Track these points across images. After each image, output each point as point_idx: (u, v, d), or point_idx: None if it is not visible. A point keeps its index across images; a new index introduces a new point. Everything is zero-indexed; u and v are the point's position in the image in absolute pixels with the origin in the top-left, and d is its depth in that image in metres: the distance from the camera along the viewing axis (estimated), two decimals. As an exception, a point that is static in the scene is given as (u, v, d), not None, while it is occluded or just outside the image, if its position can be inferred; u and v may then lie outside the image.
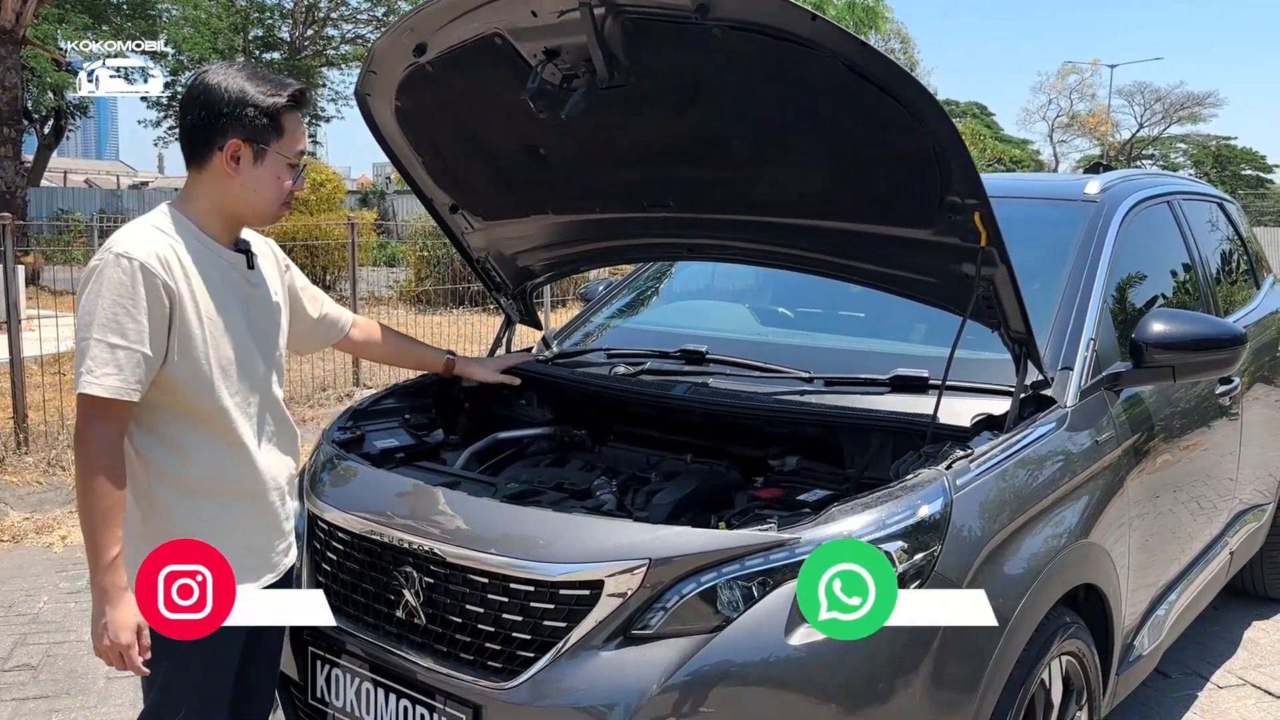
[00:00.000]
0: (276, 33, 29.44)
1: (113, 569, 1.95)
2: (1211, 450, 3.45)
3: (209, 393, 2.04)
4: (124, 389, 1.93)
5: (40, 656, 3.93)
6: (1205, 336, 2.78)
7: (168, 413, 2.05)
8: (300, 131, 2.14)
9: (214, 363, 2.05)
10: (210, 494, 2.08)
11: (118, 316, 1.93)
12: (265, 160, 2.07)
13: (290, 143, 2.10)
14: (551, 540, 2.16)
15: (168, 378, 2.01)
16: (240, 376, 2.10)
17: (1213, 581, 3.56)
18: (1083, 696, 2.52)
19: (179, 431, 2.06)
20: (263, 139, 2.06)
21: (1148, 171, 4.39)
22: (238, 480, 2.12)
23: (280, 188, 2.11)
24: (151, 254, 1.97)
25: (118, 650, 1.98)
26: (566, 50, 2.35)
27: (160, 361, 1.99)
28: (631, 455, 2.99)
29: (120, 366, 1.93)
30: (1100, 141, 53.43)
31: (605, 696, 1.98)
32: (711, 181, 2.71)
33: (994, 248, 2.29)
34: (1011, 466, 2.32)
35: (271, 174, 2.09)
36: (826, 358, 3.01)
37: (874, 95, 2.11)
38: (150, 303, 1.95)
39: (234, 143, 2.04)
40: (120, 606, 1.96)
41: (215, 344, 2.05)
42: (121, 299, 1.94)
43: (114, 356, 1.92)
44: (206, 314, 2.04)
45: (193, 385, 2.03)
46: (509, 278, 3.41)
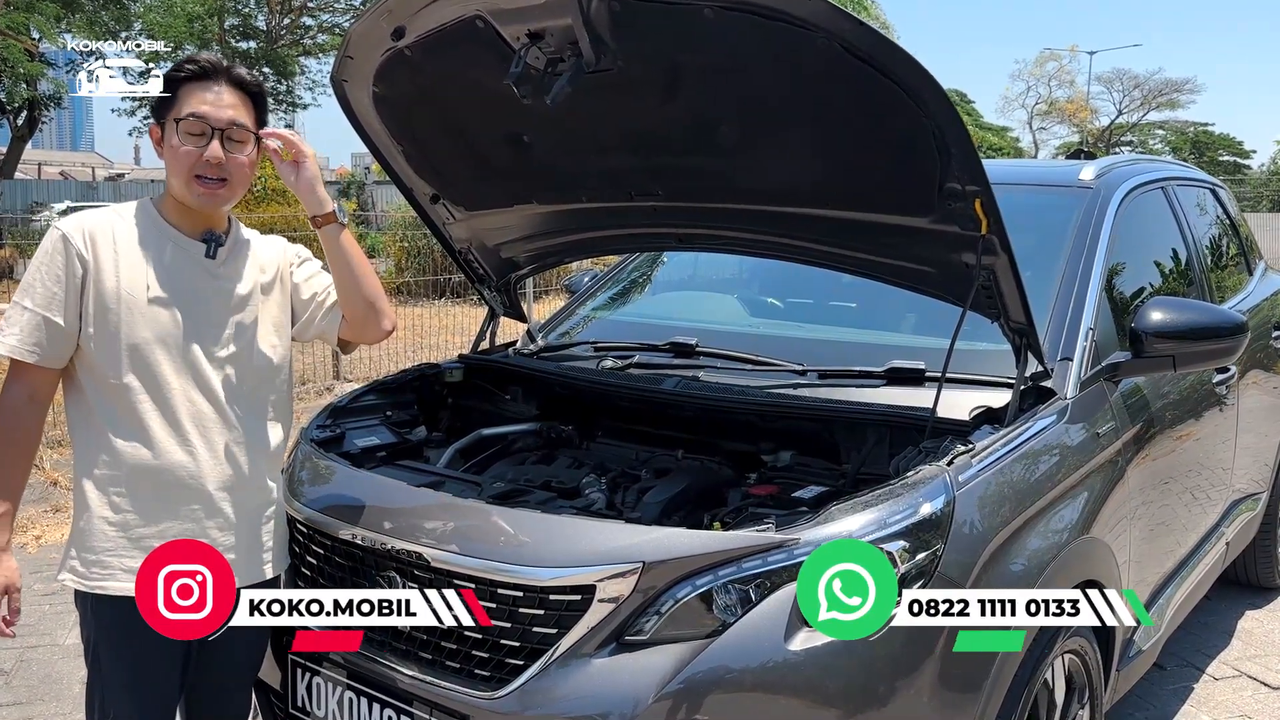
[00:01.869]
0: (253, 21, 29.12)
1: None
2: (1208, 440, 3.41)
3: (116, 369, 2.03)
4: (19, 348, 2.00)
5: (13, 661, 3.83)
6: (1206, 325, 2.72)
7: (89, 390, 2.06)
8: (194, 97, 2.05)
9: (124, 339, 2.03)
10: (112, 480, 2.06)
11: (33, 281, 2.02)
12: (166, 133, 2.07)
13: (179, 108, 2.05)
14: (540, 543, 2.08)
15: (85, 351, 2.04)
16: (154, 361, 2.05)
17: (1210, 572, 3.53)
18: (1085, 694, 2.46)
19: (95, 412, 2.06)
20: (163, 113, 2.08)
21: (1141, 157, 4.34)
22: (142, 470, 2.05)
23: (180, 158, 2.05)
24: (79, 227, 2.03)
25: None
26: (551, 33, 2.26)
27: (75, 331, 2.02)
28: (621, 451, 2.92)
29: (21, 327, 2.00)
30: (1080, 128, 53.61)
31: (598, 706, 1.91)
32: (701, 169, 2.63)
33: (995, 236, 2.23)
34: (1013, 461, 2.27)
35: (171, 146, 2.07)
36: (819, 350, 2.95)
37: (871, 77, 2.04)
38: (64, 271, 2.01)
39: (153, 127, 2.12)
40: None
41: (130, 321, 2.03)
42: (41, 264, 2.02)
43: (20, 317, 2.01)
44: (126, 290, 2.03)
45: (105, 360, 2.03)
46: (492, 269, 3.33)
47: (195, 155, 2.04)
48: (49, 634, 4.04)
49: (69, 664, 3.79)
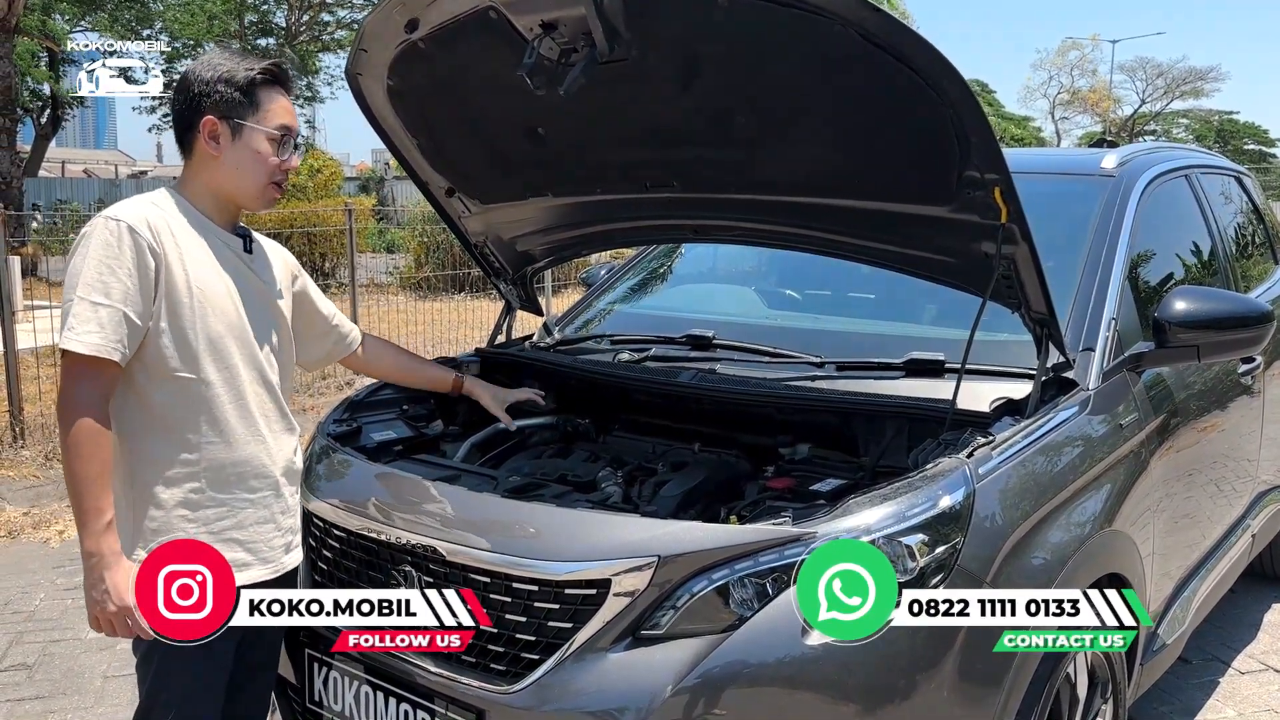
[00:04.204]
0: (271, 18, 29.23)
1: (107, 533, 1.91)
2: (1233, 431, 3.36)
3: (193, 364, 2.01)
4: (105, 346, 1.90)
5: (36, 655, 3.86)
6: (1231, 314, 2.68)
7: (153, 387, 2.00)
8: (280, 106, 2.09)
9: (200, 333, 2.02)
10: (190, 476, 2.03)
11: (102, 276, 1.92)
12: (242, 136, 2.05)
13: (268, 116, 2.07)
14: (555, 537, 2.07)
15: (154, 346, 1.98)
16: (228, 353, 2.05)
17: (1235, 565, 3.48)
18: (1108, 689, 2.43)
19: (163, 409, 2.01)
20: (238, 114, 2.05)
21: (1164, 144, 4.27)
22: (220, 463, 2.05)
23: (263, 164, 2.07)
24: (140, 218, 1.97)
25: (123, 615, 1.92)
26: (564, 23, 2.24)
27: (145, 326, 1.96)
28: (637, 445, 2.91)
29: (102, 324, 1.90)
30: (1102, 118, 53.10)
31: (614, 700, 1.90)
32: (717, 160, 2.60)
33: (1015, 225, 2.19)
34: (1034, 453, 2.23)
35: (250, 150, 2.06)
36: (837, 341, 2.92)
37: (889, 65, 2.01)
38: (136, 264, 1.94)
39: (209, 120, 2.04)
40: (118, 569, 1.92)
41: (203, 315, 2.02)
42: (108, 259, 1.92)
43: (96, 314, 1.90)
44: (196, 283, 2.01)
45: (178, 355, 1.99)
46: (508, 262, 3.32)
47: (279, 162, 2.08)
48: (71, 628, 4.07)
49: (91, 658, 3.82)
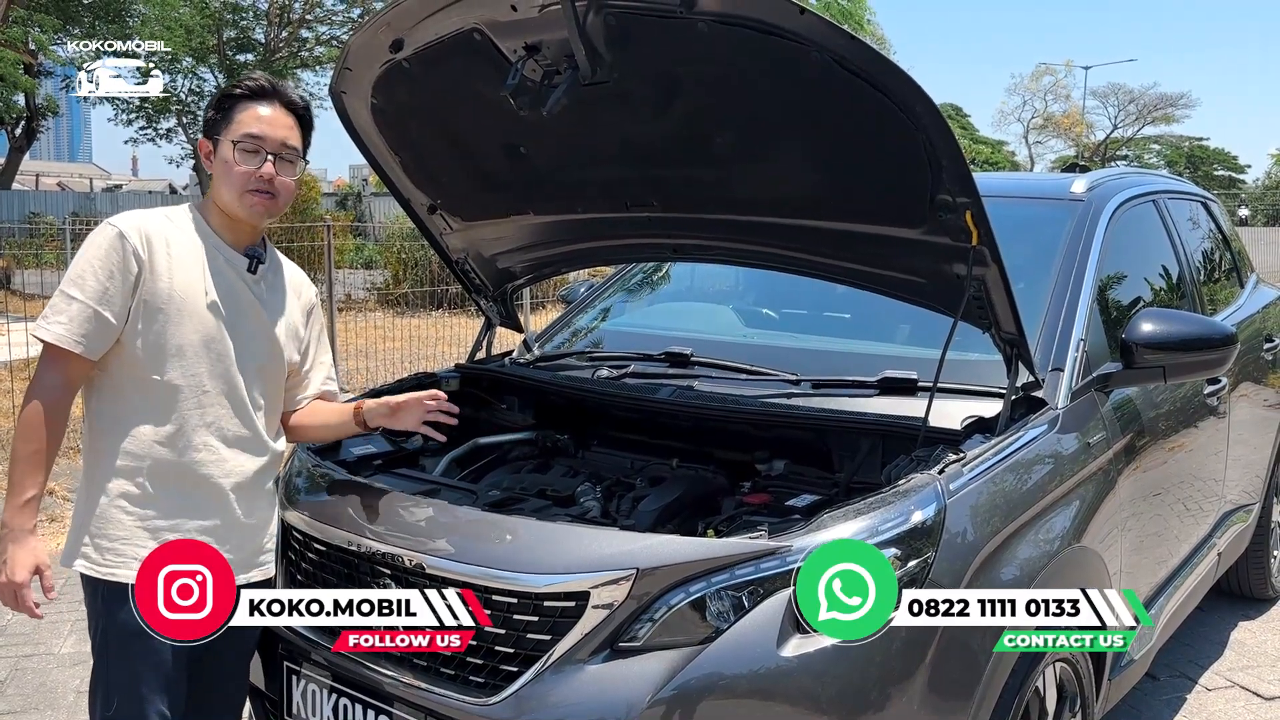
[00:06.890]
0: (251, 34, 29.18)
1: (25, 510, 2.04)
2: (1200, 451, 3.43)
3: (159, 368, 2.09)
4: (66, 337, 2.02)
5: (8, 670, 3.83)
6: (1196, 336, 2.74)
7: (123, 384, 2.10)
8: (249, 116, 2.16)
9: (171, 340, 2.10)
10: (135, 471, 2.10)
11: (83, 273, 2.05)
12: (219, 150, 2.16)
13: (235, 127, 2.15)
14: (534, 550, 2.09)
15: (129, 346, 2.08)
16: (195, 363, 2.12)
17: (1201, 583, 3.54)
18: (1076, 703, 2.47)
19: (129, 406, 2.10)
20: (216, 130, 2.17)
21: (1132, 170, 4.36)
22: (164, 465, 2.11)
23: (230, 172, 2.14)
24: (135, 226, 2.08)
25: (12, 589, 2.04)
26: (548, 45, 2.29)
27: (120, 325, 2.06)
28: (616, 460, 2.93)
29: (70, 318, 2.03)
30: (1075, 142, 53.79)
31: (592, 712, 1.92)
32: (696, 180, 2.65)
33: (985, 247, 2.25)
34: (1004, 470, 2.28)
35: (221, 161, 2.15)
36: (813, 359, 2.96)
37: (863, 90, 2.07)
38: (119, 267, 2.05)
39: (201, 142, 2.21)
40: (23, 545, 2.04)
41: (178, 323, 2.10)
42: (92, 259, 2.06)
43: (69, 308, 2.04)
44: (179, 293, 2.10)
45: (147, 358, 2.09)
46: (489, 279, 3.35)
47: (250, 173, 2.14)
48: (44, 643, 4.04)
49: (64, 673, 3.79)
